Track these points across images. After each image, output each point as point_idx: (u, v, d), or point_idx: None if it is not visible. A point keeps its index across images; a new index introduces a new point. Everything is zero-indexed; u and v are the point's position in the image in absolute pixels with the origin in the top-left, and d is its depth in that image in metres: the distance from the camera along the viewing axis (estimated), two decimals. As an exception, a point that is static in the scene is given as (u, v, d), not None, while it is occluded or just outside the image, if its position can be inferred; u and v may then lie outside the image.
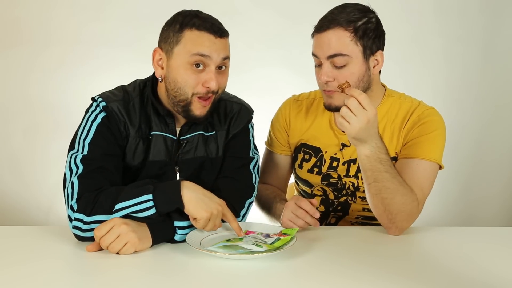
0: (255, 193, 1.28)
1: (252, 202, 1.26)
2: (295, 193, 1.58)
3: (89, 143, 1.13)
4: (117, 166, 1.16)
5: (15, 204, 2.87)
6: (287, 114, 1.46)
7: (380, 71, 1.32)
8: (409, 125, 1.30)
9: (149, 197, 1.03)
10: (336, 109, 1.26)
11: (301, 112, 1.44)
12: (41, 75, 2.81)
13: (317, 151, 1.40)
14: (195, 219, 1.05)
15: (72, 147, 1.15)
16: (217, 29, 1.12)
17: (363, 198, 1.33)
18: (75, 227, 1.05)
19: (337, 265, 0.98)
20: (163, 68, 1.16)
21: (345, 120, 1.10)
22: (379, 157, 1.14)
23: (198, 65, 1.12)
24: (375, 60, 1.25)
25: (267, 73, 2.79)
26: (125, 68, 2.24)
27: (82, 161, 1.11)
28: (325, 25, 1.21)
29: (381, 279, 0.91)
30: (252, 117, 1.32)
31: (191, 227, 1.09)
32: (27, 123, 2.85)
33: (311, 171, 1.40)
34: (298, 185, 1.51)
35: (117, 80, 1.28)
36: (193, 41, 1.11)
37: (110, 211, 1.04)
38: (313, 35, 1.26)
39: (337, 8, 1.24)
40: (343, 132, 1.25)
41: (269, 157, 1.51)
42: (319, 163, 1.39)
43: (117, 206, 1.03)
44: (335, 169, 1.37)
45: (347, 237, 1.20)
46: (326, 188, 1.40)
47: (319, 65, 1.25)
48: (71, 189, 1.08)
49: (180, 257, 1.01)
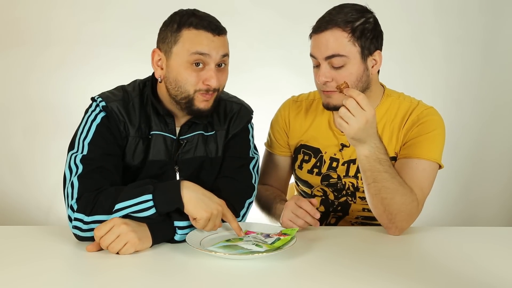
0: (255, 193, 1.28)
1: (252, 202, 1.26)
2: (295, 193, 1.58)
3: (88, 143, 1.13)
4: (117, 166, 1.16)
5: (15, 204, 2.87)
6: (286, 115, 1.46)
7: (378, 71, 1.32)
8: (408, 125, 1.30)
9: (149, 197, 1.04)
10: (334, 109, 1.26)
11: (300, 113, 1.44)
12: (41, 75, 2.81)
13: (316, 151, 1.40)
14: (195, 219, 1.05)
15: (71, 147, 1.15)
16: (214, 27, 1.12)
17: (363, 198, 1.33)
18: (75, 227, 1.05)
19: (337, 265, 0.98)
20: (162, 68, 1.16)
21: (343, 120, 1.10)
22: (378, 157, 1.14)
23: (197, 64, 1.12)
24: (373, 60, 1.25)
25: (267, 73, 2.78)
26: (125, 68, 2.24)
27: (82, 161, 1.11)
28: (322, 25, 1.21)
29: (381, 279, 0.91)
30: (251, 117, 1.32)
31: (191, 227, 1.09)
32: (27, 123, 2.85)
33: (311, 171, 1.40)
34: (298, 185, 1.51)
35: (117, 80, 1.29)
36: (192, 40, 1.11)
37: (110, 211, 1.04)
38: (311, 36, 1.25)
39: (334, 8, 1.24)
40: (343, 132, 1.25)
41: (269, 158, 1.51)
42: (318, 164, 1.39)
43: (117, 206, 1.04)
44: (334, 169, 1.37)
45: (347, 237, 1.20)
46: (326, 188, 1.40)
47: (317, 66, 1.25)
48: (71, 189, 1.08)
49: (180, 257, 1.02)
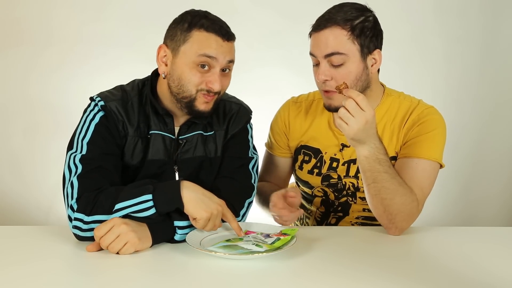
0: (255, 193, 1.28)
1: (251, 201, 1.26)
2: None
3: (87, 143, 1.13)
4: (116, 165, 1.16)
5: (15, 204, 2.87)
6: (286, 117, 1.46)
7: (378, 71, 1.31)
8: (408, 124, 1.30)
9: (149, 197, 1.03)
10: (336, 110, 1.26)
11: (300, 113, 1.44)
12: (41, 75, 2.81)
13: (317, 152, 1.40)
14: (194, 219, 1.05)
15: (70, 147, 1.15)
16: (225, 32, 1.13)
17: (363, 198, 1.32)
18: (75, 227, 1.05)
19: (337, 265, 0.98)
20: (167, 65, 1.16)
21: (343, 121, 1.10)
22: (378, 158, 1.14)
23: (203, 66, 1.12)
24: (373, 59, 1.25)
25: (267, 73, 2.78)
26: (125, 68, 2.24)
27: (81, 160, 1.11)
28: (322, 24, 1.21)
29: (381, 279, 0.91)
30: (250, 118, 1.32)
31: (191, 227, 1.09)
32: (27, 123, 2.85)
33: (311, 172, 1.40)
34: (298, 186, 1.51)
35: (118, 80, 1.28)
36: (201, 42, 1.11)
37: (110, 211, 1.04)
38: (310, 35, 1.25)
39: (334, 7, 1.24)
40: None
41: (269, 159, 1.51)
42: (319, 164, 1.39)
43: (117, 206, 1.04)
44: (335, 169, 1.37)
45: (347, 237, 1.20)
46: (326, 189, 1.40)
47: (316, 65, 1.25)
48: (70, 189, 1.08)
49: (180, 257, 1.01)
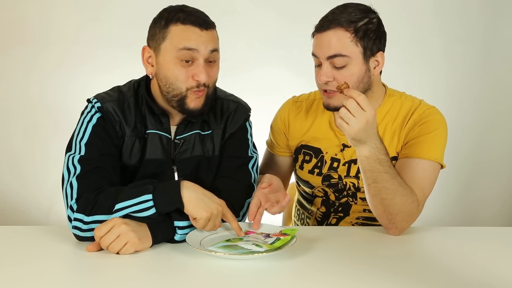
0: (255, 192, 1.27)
1: (251, 201, 1.26)
2: (296, 193, 1.58)
3: (85, 144, 1.13)
4: (115, 165, 1.16)
5: (15, 204, 2.87)
6: (286, 116, 1.46)
7: (381, 72, 1.31)
8: (410, 125, 1.30)
9: (149, 197, 1.03)
10: (335, 109, 1.26)
11: (300, 113, 1.44)
12: (41, 75, 2.81)
13: (317, 152, 1.40)
14: (195, 219, 1.05)
15: (69, 148, 1.15)
16: (202, 22, 1.11)
17: (364, 199, 1.32)
18: (75, 227, 1.05)
19: (337, 265, 0.98)
20: (153, 65, 1.16)
21: (344, 121, 1.10)
22: (379, 158, 1.14)
23: (187, 61, 1.11)
24: (376, 61, 1.24)
25: (267, 73, 2.78)
26: (125, 68, 2.24)
27: (79, 161, 1.11)
28: (325, 25, 1.21)
29: (381, 279, 0.91)
30: (249, 115, 1.32)
31: (191, 227, 1.09)
32: (27, 123, 2.85)
33: (311, 172, 1.40)
34: (299, 186, 1.51)
35: (117, 80, 1.28)
36: (179, 35, 1.11)
37: (110, 211, 1.04)
38: (313, 35, 1.25)
39: (338, 8, 1.23)
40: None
41: (269, 158, 1.51)
42: (319, 164, 1.39)
43: (117, 206, 1.04)
44: (335, 169, 1.37)
45: (347, 237, 1.20)
46: (326, 189, 1.40)
47: (318, 65, 1.25)
48: (70, 189, 1.08)
49: (180, 257, 1.01)
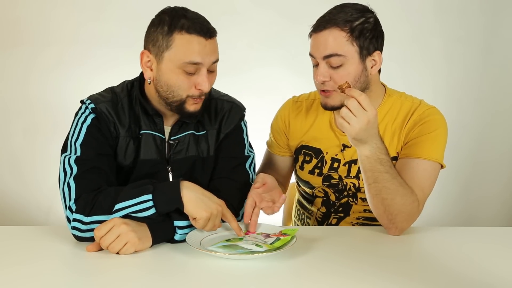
0: None
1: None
2: (296, 193, 1.58)
3: (80, 145, 1.13)
4: (111, 165, 1.17)
5: (15, 204, 2.87)
6: (286, 116, 1.46)
7: (380, 71, 1.31)
8: (410, 125, 1.30)
9: (149, 197, 1.03)
10: (332, 109, 1.26)
11: (300, 113, 1.44)
12: (40, 75, 2.81)
13: (318, 152, 1.40)
14: (194, 219, 1.05)
15: (64, 149, 1.15)
16: (206, 30, 1.10)
17: (364, 199, 1.32)
18: (74, 228, 1.05)
19: (337, 265, 0.98)
20: (152, 70, 1.14)
21: (345, 121, 1.10)
22: (379, 158, 1.14)
23: (191, 73, 1.11)
24: (373, 60, 1.24)
25: (267, 73, 2.78)
26: (124, 68, 2.24)
27: (76, 162, 1.11)
28: (322, 25, 1.21)
29: (381, 279, 0.91)
30: (244, 115, 1.31)
31: (191, 227, 1.09)
32: (27, 123, 2.85)
33: (312, 172, 1.40)
34: (299, 186, 1.51)
35: (116, 80, 1.28)
36: (184, 47, 1.09)
37: (109, 211, 1.04)
38: (310, 35, 1.25)
39: (335, 7, 1.24)
40: (344, 132, 1.24)
41: (269, 158, 1.51)
42: (320, 164, 1.39)
43: (117, 206, 1.03)
44: (336, 170, 1.37)
45: (347, 237, 1.20)
46: (327, 189, 1.40)
47: (316, 65, 1.25)
48: (67, 190, 1.08)
49: (180, 257, 1.01)
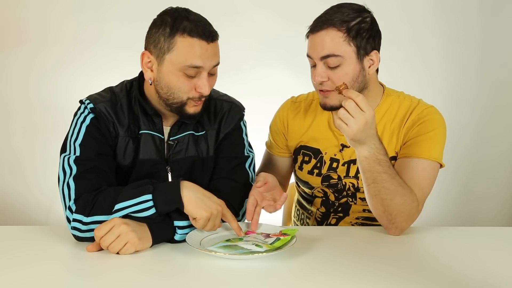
0: None
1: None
2: (296, 193, 1.58)
3: (79, 145, 1.13)
4: (110, 165, 1.16)
5: (15, 204, 2.87)
6: (285, 117, 1.46)
7: (377, 71, 1.31)
8: (408, 124, 1.30)
9: (149, 197, 1.03)
10: (331, 109, 1.26)
11: (299, 113, 1.44)
12: (40, 75, 2.81)
13: (316, 152, 1.40)
14: (194, 219, 1.05)
15: (63, 150, 1.15)
16: (208, 34, 1.10)
17: (364, 199, 1.32)
18: (74, 228, 1.05)
19: (337, 265, 0.98)
20: (152, 70, 1.14)
21: (343, 122, 1.10)
22: (378, 158, 1.14)
23: (191, 76, 1.11)
24: (370, 60, 1.24)
25: (266, 73, 2.78)
26: (124, 68, 2.24)
27: (75, 162, 1.11)
28: (318, 25, 1.21)
29: (381, 279, 0.91)
30: (243, 115, 1.31)
31: (191, 227, 1.09)
32: (27, 123, 2.85)
33: (311, 172, 1.40)
34: (299, 186, 1.51)
35: (116, 80, 1.28)
36: (186, 50, 1.08)
37: (109, 212, 1.04)
38: (307, 36, 1.25)
39: (332, 8, 1.24)
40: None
41: (269, 159, 1.51)
42: (319, 165, 1.39)
43: (117, 206, 1.03)
44: (335, 170, 1.37)
45: (347, 237, 1.20)
46: (326, 189, 1.40)
47: (313, 66, 1.25)
48: (67, 190, 1.08)
49: (180, 257, 1.01)
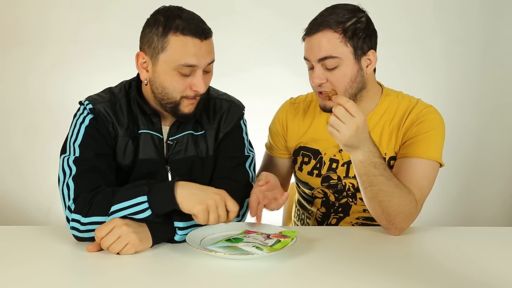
0: None
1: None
2: (296, 194, 1.58)
3: (79, 145, 1.13)
4: (110, 165, 1.17)
5: (15, 204, 2.87)
6: (284, 118, 1.46)
7: (375, 70, 1.31)
8: (407, 124, 1.30)
9: (144, 198, 1.03)
10: (331, 111, 1.26)
11: (298, 114, 1.44)
12: (40, 75, 2.81)
13: (316, 153, 1.40)
14: (195, 216, 1.03)
15: (63, 151, 1.15)
16: (201, 31, 1.09)
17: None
18: (73, 228, 1.06)
19: (337, 265, 0.98)
20: (148, 71, 1.14)
21: (334, 128, 1.10)
22: (373, 161, 1.14)
23: (186, 74, 1.11)
24: (368, 59, 1.24)
25: (266, 73, 2.78)
26: (124, 68, 2.24)
27: (74, 162, 1.11)
28: (314, 27, 1.21)
29: (381, 279, 0.91)
30: (243, 113, 1.31)
31: (191, 227, 1.09)
32: (27, 123, 2.85)
33: (310, 173, 1.40)
34: (299, 187, 1.51)
35: (116, 80, 1.28)
36: (179, 49, 1.08)
37: (106, 213, 1.04)
38: (303, 39, 1.25)
39: (327, 9, 1.24)
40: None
41: (268, 160, 1.51)
42: (318, 165, 1.39)
43: (113, 208, 1.03)
44: (334, 170, 1.37)
45: (347, 237, 1.20)
46: (326, 190, 1.40)
47: (311, 68, 1.25)
48: (67, 190, 1.08)
49: (180, 257, 1.01)
